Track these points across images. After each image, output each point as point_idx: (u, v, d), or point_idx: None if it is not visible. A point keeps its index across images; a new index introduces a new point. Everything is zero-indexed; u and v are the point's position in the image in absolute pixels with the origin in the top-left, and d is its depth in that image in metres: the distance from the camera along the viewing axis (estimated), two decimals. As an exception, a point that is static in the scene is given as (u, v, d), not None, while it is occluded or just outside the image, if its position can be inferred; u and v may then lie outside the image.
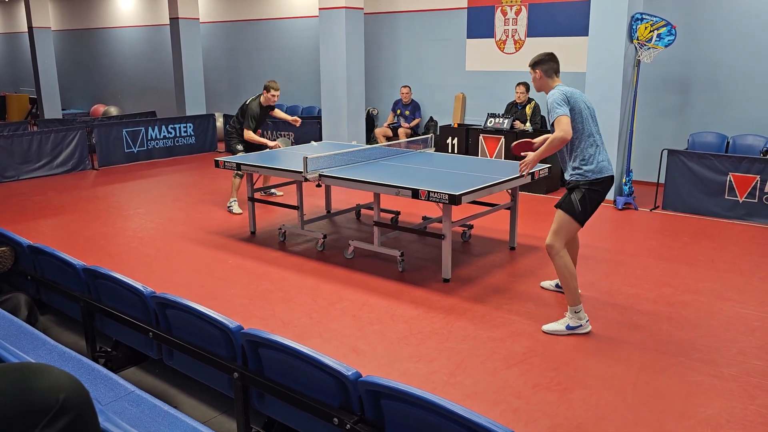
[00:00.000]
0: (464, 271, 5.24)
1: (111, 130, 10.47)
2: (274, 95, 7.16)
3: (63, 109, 15.66)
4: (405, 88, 10.27)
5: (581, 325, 4.08)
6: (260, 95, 7.25)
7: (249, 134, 7.18)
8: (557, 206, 4.18)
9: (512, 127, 8.47)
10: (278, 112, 7.67)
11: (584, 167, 4.12)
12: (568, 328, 4.09)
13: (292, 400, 2.43)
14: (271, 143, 7.22)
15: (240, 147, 7.27)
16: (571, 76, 9.02)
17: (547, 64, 4.27)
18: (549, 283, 4.88)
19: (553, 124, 4.04)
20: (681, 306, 4.52)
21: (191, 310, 2.77)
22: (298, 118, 7.54)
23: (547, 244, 4.14)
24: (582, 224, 4.17)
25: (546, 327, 4.14)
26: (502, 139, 8.47)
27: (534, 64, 4.31)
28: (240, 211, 7.18)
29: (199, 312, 2.74)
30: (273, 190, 7.69)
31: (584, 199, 4.09)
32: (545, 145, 4.13)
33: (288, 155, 6.59)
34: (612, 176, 4.20)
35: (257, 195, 6.60)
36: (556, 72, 4.30)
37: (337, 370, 2.24)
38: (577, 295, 4.10)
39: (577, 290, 4.10)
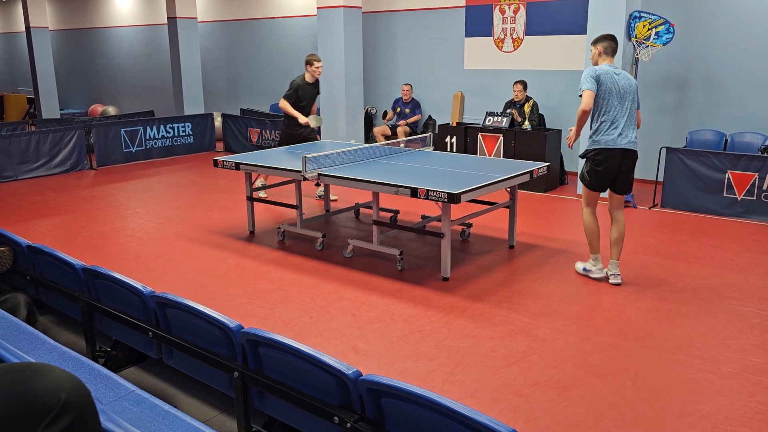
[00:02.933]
0: (463, 270, 5.24)
1: (109, 129, 10.46)
2: (318, 67, 7.04)
3: (61, 109, 15.64)
4: (406, 86, 10.28)
5: (593, 271, 4.98)
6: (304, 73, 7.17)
7: (283, 103, 7.08)
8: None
9: (512, 124, 8.47)
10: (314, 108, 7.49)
11: (593, 137, 4.79)
12: (584, 270, 5.04)
13: (292, 399, 2.43)
14: (303, 118, 7.05)
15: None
16: (570, 74, 9.03)
17: (606, 42, 4.84)
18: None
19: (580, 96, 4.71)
20: (680, 303, 4.53)
21: (191, 310, 2.77)
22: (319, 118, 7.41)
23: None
24: (596, 190, 4.94)
25: (576, 265, 5.14)
26: (501, 138, 8.47)
27: (595, 41, 4.88)
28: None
29: (199, 311, 2.74)
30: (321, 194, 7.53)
31: (591, 171, 4.83)
32: (578, 119, 4.75)
33: (287, 154, 6.58)
34: (616, 149, 4.71)
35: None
36: (614, 52, 4.86)
37: (338, 369, 2.24)
38: (595, 247, 4.99)
39: (594, 244, 4.99)
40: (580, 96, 4.63)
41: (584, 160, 4.88)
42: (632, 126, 4.76)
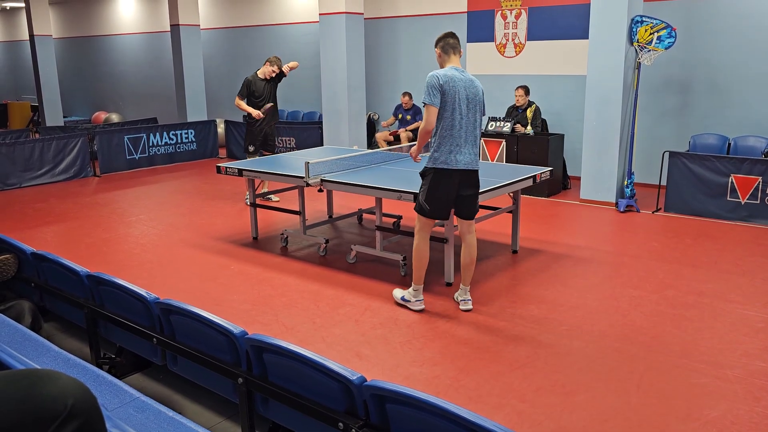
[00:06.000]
0: (467, 275, 5.23)
1: (112, 136, 10.50)
2: (274, 71, 7.38)
3: (64, 117, 15.69)
4: (405, 96, 10.25)
5: (411, 302, 4.51)
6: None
7: (236, 100, 7.45)
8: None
9: (513, 130, 8.48)
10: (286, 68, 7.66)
11: (432, 153, 4.27)
12: (402, 299, 4.56)
13: (296, 405, 2.43)
14: (255, 112, 7.36)
15: (251, 148, 7.39)
16: (572, 78, 9.05)
17: (443, 41, 4.31)
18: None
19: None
20: (684, 308, 4.52)
21: (195, 316, 2.78)
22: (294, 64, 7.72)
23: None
24: (433, 218, 4.39)
25: (395, 292, 4.67)
26: (504, 143, 8.48)
27: (436, 42, 4.37)
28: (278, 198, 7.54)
29: (204, 318, 2.74)
30: (270, 196, 7.67)
31: (427, 196, 4.29)
32: (418, 137, 4.35)
33: (290, 161, 6.59)
34: (455, 170, 4.23)
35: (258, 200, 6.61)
36: (454, 49, 4.32)
37: (342, 375, 2.24)
38: (420, 277, 4.49)
39: (420, 273, 4.48)
40: (423, 106, 4.23)
41: (422, 179, 4.36)
42: (474, 141, 4.27)
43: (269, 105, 7.50)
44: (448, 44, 4.29)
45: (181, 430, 1.97)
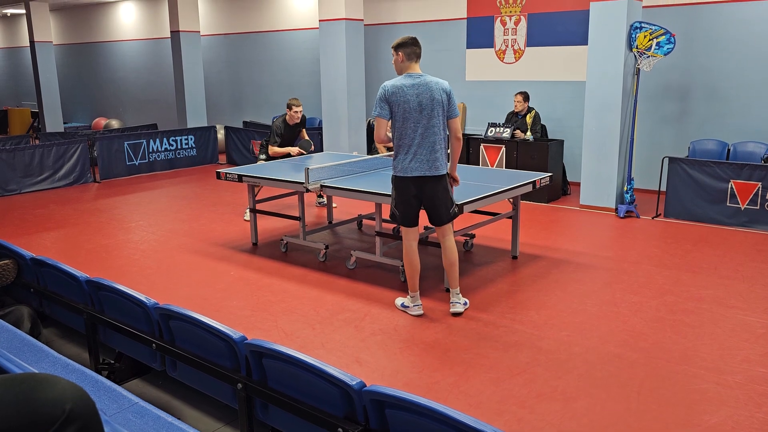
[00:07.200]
0: (466, 281, 5.23)
1: (112, 142, 10.51)
2: (296, 112, 7.33)
3: (65, 123, 15.72)
4: None
5: (410, 307, 4.56)
6: (285, 114, 7.42)
7: (273, 149, 7.39)
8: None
9: (513, 136, 8.49)
10: (304, 133, 7.72)
11: (393, 162, 4.38)
12: (402, 306, 4.62)
13: (296, 410, 2.42)
14: (294, 150, 7.34)
15: (262, 157, 7.42)
16: (571, 85, 9.07)
17: (409, 48, 4.29)
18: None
19: None
20: (684, 314, 4.51)
21: (195, 322, 2.77)
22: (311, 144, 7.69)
23: None
24: (406, 225, 4.46)
25: (396, 300, 4.72)
26: (503, 149, 8.49)
27: (397, 46, 4.30)
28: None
29: (203, 323, 2.74)
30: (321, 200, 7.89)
31: (395, 203, 4.43)
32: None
33: (290, 166, 6.60)
34: (408, 177, 4.29)
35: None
36: (418, 57, 4.34)
37: (342, 380, 2.23)
38: (414, 284, 4.54)
39: (413, 281, 4.53)
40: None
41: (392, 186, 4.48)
42: (432, 147, 4.22)
43: (310, 146, 7.49)
44: (414, 53, 4.30)
45: (180, 435, 1.96)
